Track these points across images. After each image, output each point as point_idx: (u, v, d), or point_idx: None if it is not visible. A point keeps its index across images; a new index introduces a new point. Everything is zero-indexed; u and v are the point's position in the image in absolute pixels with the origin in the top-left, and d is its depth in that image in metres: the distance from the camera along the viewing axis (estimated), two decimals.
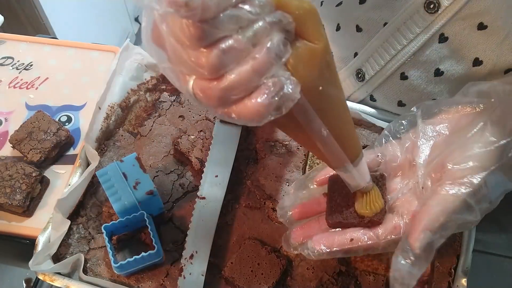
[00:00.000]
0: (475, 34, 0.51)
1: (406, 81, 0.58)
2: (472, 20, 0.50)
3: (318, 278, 0.54)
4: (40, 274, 0.52)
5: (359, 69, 0.61)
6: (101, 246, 0.56)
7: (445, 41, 0.53)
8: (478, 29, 0.51)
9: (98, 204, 0.58)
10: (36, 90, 0.72)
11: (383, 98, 0.63)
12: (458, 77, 0.56)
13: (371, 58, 0.59)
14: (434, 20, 0.52)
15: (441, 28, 0.52)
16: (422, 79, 0.58)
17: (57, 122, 0.65)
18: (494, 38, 0.51)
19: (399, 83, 0.59)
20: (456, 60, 0.54)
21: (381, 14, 0.56)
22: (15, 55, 0.73)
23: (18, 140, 0.63)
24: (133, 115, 0.66)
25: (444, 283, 0.53)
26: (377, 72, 0.60)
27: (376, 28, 0.57)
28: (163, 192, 0.59)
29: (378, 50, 0.58)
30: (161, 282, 0.53)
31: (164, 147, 0.63)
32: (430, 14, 0.52)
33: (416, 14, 0.53)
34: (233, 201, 0.59)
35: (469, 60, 0.54)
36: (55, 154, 0.64)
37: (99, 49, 0.77)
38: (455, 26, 0.52)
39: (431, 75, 0.56)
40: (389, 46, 0.57)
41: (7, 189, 0.58)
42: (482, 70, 0.54)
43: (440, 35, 0.53)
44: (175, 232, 0.57)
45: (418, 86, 0.58)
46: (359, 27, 0.59)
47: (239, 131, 0.62)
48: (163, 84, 0.69)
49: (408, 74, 0.58)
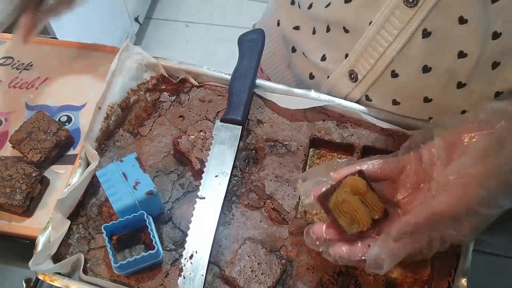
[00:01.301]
0: (456, 28, 0.52)
1: (397, 79, 0.59)
2: (452, 13, 0.52)
3: (318, 278, 0.54)
4: (40, 274, 0.52)
5: (351, 70, 0.62)
6: (101, 246, 0.56)
7: (428, 36, 0.54)
8: (459, 23, 0.52)
9: (98, 204, 0.58)
10: (36, 90, 0.72)
11: (378, 98, 0.63)
12: (446, 71, 0.56)
13: (361, 58, 0.60)
14: (415, 14, 0.53)
15: (423, 23, 0.53)
16: (412, 76, 0.58)
17: (57, 122, 0.65)
18: (476, 31, 0.52)
19: (391, 81, 0.60)
20: (441, 54, 0.55)
21: (365, 13, 0.57)
22: (15, 55, 0.73)
23: (18, 140, 0.63)
24: (133, 115, 0.66)
25: (444, 283, 0.53)
26: (368, 71, 0.60)
27: (362, 27, 0.58)
28: (163, 192, 0.59)
29: (367, 49, 0.59)
30: (161, 282, 0.53)
31: (164, 147, 0.63)
32: (410, 8, 0.53)
33: (397, 9, 0.54)
34: (233, 201, 0.59)
35: (453, 54, 0.55)
36: (55, 154, 0.64)
37: (99, 49, 0.77)
38: (436, 20, 0.53)
39: (420, 71, 0.57)
40: (376, 44, 0.58)
41: (7, 189, 0.58)
42: (467, 63, 0.55)
43: (423, 30, 0.54)
44: (175, 232, 0.57)
45: (409, 83, 0.59)
46: (346, 29, 0.60)
47: (239, 131, 0.62)
48: (163, 84, 0.69)
49: (398, 71, 0.59)
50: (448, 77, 0.57)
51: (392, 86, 0.61)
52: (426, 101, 0.60)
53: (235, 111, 0.62)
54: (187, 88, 0.68)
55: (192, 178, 0.61)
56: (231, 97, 0.63)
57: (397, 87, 0.61)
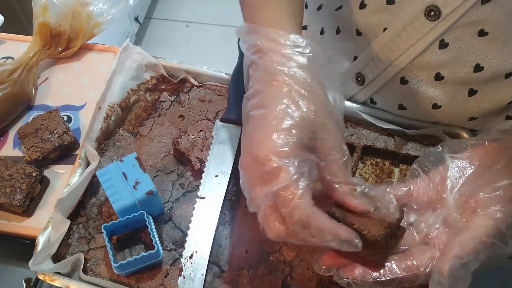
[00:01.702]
0: (475, 40, 0.51)
1: (406, 85, 0.58)
2: (473, 27, 0.50)
3: (318, 278, 0.54)
4: (40, 274, 0.52)
5: (358, 73, 0.61)
6: (101, 246, 0.56)
7: (446, 47, 0.53)
8: (478, 35, 0.51)
9: (98, 204, 0.58)
10: (36, 89, 0.72)
11: (383, 101, 0.63)
12: (459, 81, 0.55)
13: (371, 62, 0.59)
14: (435, 27, 0.52)
15: (442, 35, 0.52)
16: (423, 83, 0.57)
17: (65, 125, 0.64)
18: (495, 44, 0.51)
19: (399, 87, 0.59)
20: (457, 65, 0.54)
21: (380, 19, 0.56)
22: (15, 55, 0.73)
23: (25, 134, 0.63)
24: (133, 115, 0.66)
25: None
26: (376, 76, 0.59)
27: (376, 33, 0.57)
28: (163, 192, 0.59)
29: (378, 54, 0.58)
30: (161, 282, 0.53)
31: (164, 147, 0.63)
32: (430, 21, 0.52)
33: (416, 21, 0.53)
34: (233, 201, 0.59)
35: (470, 66, 0.54)
36: (55, 156, 0.64)
37: (99, 49, 0.77)
38: (455, 32, 0.52)
39: (432, 79, 0.56)
40: (389, 51, 0.57)
41: (7, 189, 0.58)
42: (483, 75, 0.54)
43: (440, 41, 0.53)
44: (175, 232, 0.57)
45: (419, 90, 0.58)
46: (359, 31, 0.59)
47: (239, 131, 0.62)
48: (163, 84, 0.69)
49: (408, 78, 0.58)
50: (461, 86, 0.56)
51: (400, 92, 0.60)
52: (435, 107, 0.59)
53: (234, 111, 0.62)
54: (187, 88, 0.68)
55: (192, 178, 0.61)
56: (230, 97, 0.63)
57: (406, 93, 0.59)
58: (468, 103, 0.58)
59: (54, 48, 0.73)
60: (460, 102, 0.58)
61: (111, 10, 0.74)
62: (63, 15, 0.72)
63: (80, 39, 0.73)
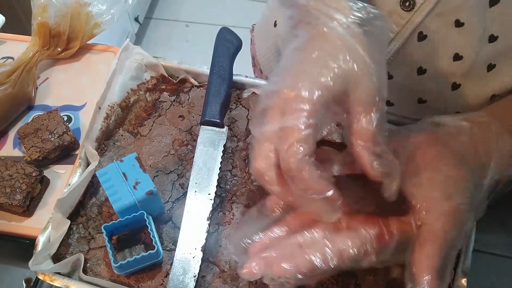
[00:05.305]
0: (453, 31, 0.52)
1: (391, 81, 0.59)
2: (449, 17, 0.51)
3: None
4: (40, 274, 0.52)
5: None
6: (101, 246, 0.56)
7: (424, 39, 0.54)
8: (455, 26, 0.52)
9: (98, 204, 0.58)
10: (36, 90, 0.72)
11: None
12: (442, 73, 0.56)
13: None
14: (411, 18, 0.53)
15: (419, 26, 0.53)
16: (407, 78, 0.58)
17: (65, 125, 0.64)
18: (472, 35, 0.52)
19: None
20: (436, 56, 0.55)
21: None
22: (15, 55, 0.73)
23: (25, 133, 0.63)
24: (133, 115, 0.66)
25: None
26: None
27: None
28: (163, 192, 0.59)
29: None
30: (161, 282, 0.53)
31: (164, 147, 0.63)
32: (406, 12, 0.53)
33: (394, 13, 0.54)
34: (233, 201, 0.59)
35: (449, 56, 0.55)
36: (55, 156, 0.64)
37: (99, 49, 0.77)
38: (432, 23, 0.53)
39: (415, 73, 0.57)
40: None
41: (7, 189, 0.58)
42: (463, 65, 0.55)
43: (419, 33, 0.54)
44: (175, 232, 0.57)
45: (405, 85, 0.59)
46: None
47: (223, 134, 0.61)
48: (163, 84, 0.69)
49: (392, 73, 0.59)
50: (443, 79, 0.57)
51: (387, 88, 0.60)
52: (420, 102, 0.60)
53: (211, 113, 0.60)
54: (187, 88, 0.68)
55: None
56: (207, 97, 0.61)
57: (391, 88, 0.60)
58: (452, 97, 0.59)
59: (54, 48, 0.73)
60: (444, 97, 0.59)
61: (111, 10, 0.74)
62: (62, 15, 0.72)
63: (80, 39, 0.73)
